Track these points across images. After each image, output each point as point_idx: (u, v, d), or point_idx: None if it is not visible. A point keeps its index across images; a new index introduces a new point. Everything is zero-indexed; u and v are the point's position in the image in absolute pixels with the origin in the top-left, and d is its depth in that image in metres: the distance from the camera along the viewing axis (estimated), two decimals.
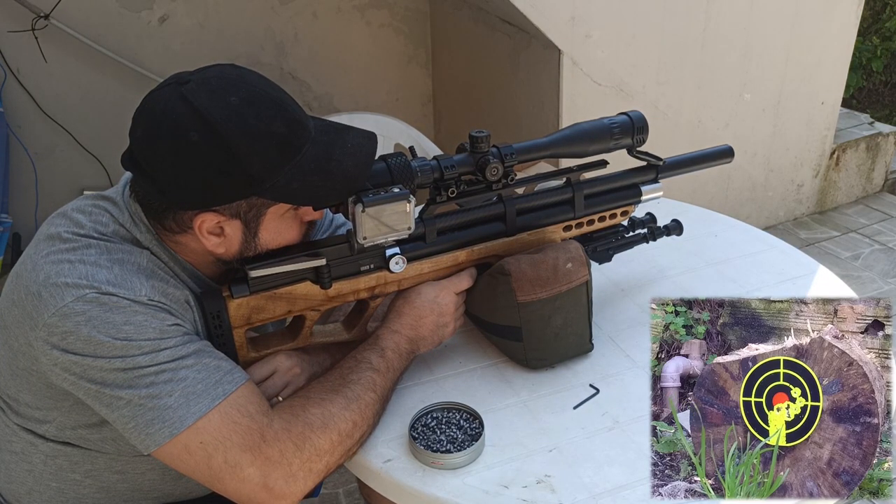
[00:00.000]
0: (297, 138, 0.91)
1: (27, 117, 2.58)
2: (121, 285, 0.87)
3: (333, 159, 0.92)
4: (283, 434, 0.88)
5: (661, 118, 2.56)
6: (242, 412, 0.88)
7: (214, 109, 0.86)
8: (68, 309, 0.85)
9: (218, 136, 0.86)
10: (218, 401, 0.87)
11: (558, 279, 1.04)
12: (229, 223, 0.92)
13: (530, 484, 0.91)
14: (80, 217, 0.94)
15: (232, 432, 0.87)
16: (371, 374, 0.97)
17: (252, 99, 0.89)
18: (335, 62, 2.97)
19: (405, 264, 1.01)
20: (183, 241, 0.95)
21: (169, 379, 0.86)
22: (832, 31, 2.80)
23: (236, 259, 0.96)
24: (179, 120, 0.86)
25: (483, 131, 1.02)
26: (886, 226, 3.08)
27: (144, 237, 0.94)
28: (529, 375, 1.08)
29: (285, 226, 0.96)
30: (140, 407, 0.86)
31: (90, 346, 0.85)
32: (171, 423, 0.85)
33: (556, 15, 2.23)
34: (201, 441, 0.86)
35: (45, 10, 2.45)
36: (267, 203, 0.92)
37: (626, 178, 1.17)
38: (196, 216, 0.91)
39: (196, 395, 0.86)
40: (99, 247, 0.91)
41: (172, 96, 0.87)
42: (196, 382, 0.87)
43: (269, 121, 0.89)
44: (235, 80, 0.90)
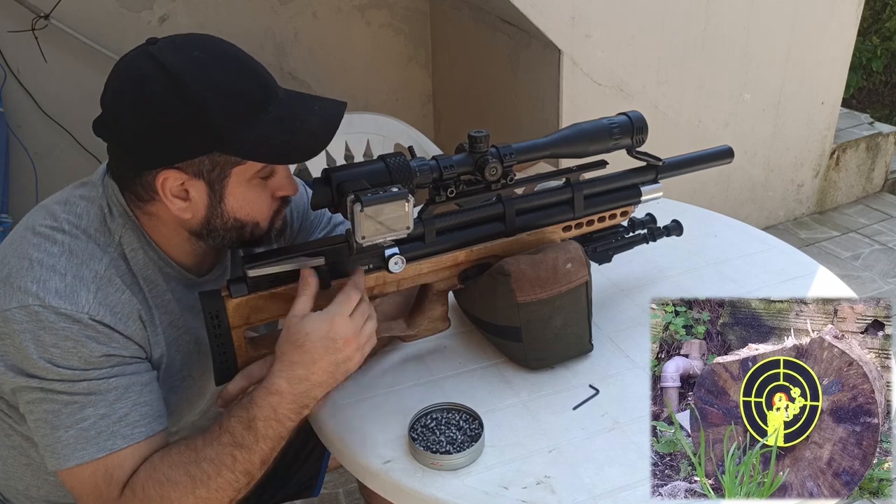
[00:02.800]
0: (263, 96, 0.91)
1: (27, 117, 2.58)
2: (67, 297, 0.87)
3: (299, 119, 0.92)
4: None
5: (661, 118, 2.56)
6: (108, 477, 0.89)
7: (178, 62, 0.87)
8: (10, 315, 0.86)
9: (179, 87, 0.86)
10: (99, 455, 0.88)
11: (558, 280, 1.04)
12: (193, 184, 0.91)
13: (530, 485, 0.91)
14: (56, 208, 0.94)
15: (89, 493, 0.89)
16: (232, 450, 0.88)
17: (218, 56, 0.90)
18: (335, 62, 2.97)
19: (404, 264, 1.01)
20: (154, 211, 0.94)
21: (73, 413, 0.87)
22: (832, 31, 2.80)
23: (205, 228, 0.95)
24: (143, 73, 0.87)
25: (482, 131, 1.01)
26: (886, 226, 3.08)
27: (116, 224, 0.94)
28: (529, 376, 1.08)
29: (253, 195, 0.95)
30: (43, 428, 0.89)
31: (19, 356, 0.87)
32: (58, 457, 0.89)
33: (556, 15, 2.23)
34: (71, 486, 0.91)
35: (45, 10, 2.45)
36: (230, 162, 0.90)
37: (626, 178, 1.17)
38: (159, 174, 0.90)
39: (85, 441, 0.88)
40: (63, 245, 0.90)
41: (139, 55, 0.89)
42: (91, 427, 0.88)
43: (234, 76, 0.89)
44: (204, 40, 0.91)
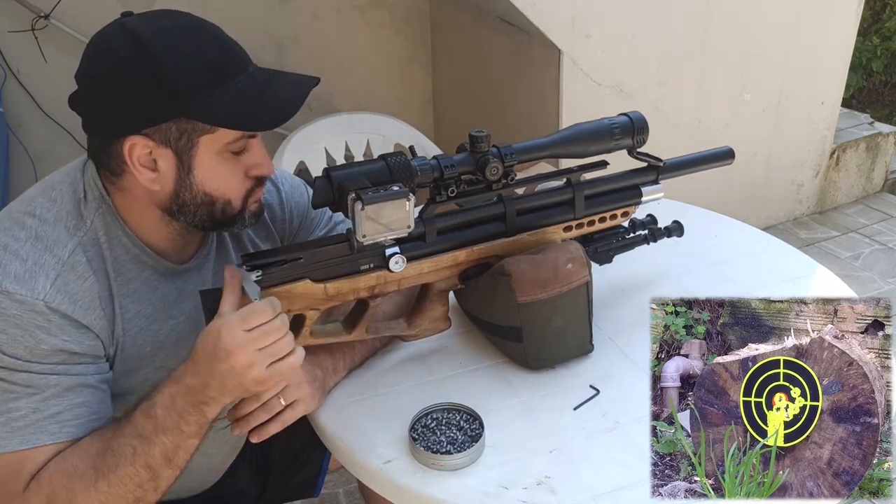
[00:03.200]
0: (231, 66, 0.91)
1: (27, 117, 2.58)
2: (24, 283, 0.88)
3: (269, 89, 0.92)
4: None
5: (662, 118, 2.56)
6: (18, 469, 0.88)
7: (147, 29, 0.89)
8: None
9: (146, 51, 0.87)
10: (22, 447, 0.88)
11: (559, 280, 1.04)
12: (161, 153, 0.91)
13: (530, 485, 0.91)
14: (34, 193, 0.97)
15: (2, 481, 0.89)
16: (132, 441, 0.88)
17: (189, 26, 0.91)
18: (335, 62, 2.96)
19: (405, 264, 1.01)
20: (126, 185, 0.95)
21: (6, 401, 0.88)
22: (832, 31, 2.80)
23: (175, 202, 0.94)
24: (112, 41, 0.89)
25: (483, 131, 1.01)
26: (886, 226, 3.08)
27: (89, 207, 0.95)
28: (529, 376, 1.08)
29: (224, 169, 0.94)
30: None
31: None
32: None
33: (556, 15, 2.23)
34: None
35: (45, 10, 2.45)
36: (197, 129, 0.90)
37: (627, 178, 1.17)
38: (126, 141, 0.90)
39: (11, 431, 0.88)
40: (31, 230, 0.92)
41: (111, 25, 0.91)
42: (20, 419, 0.88)
43: (203, 45, 0.90)
44: (178, 14, 0.93)
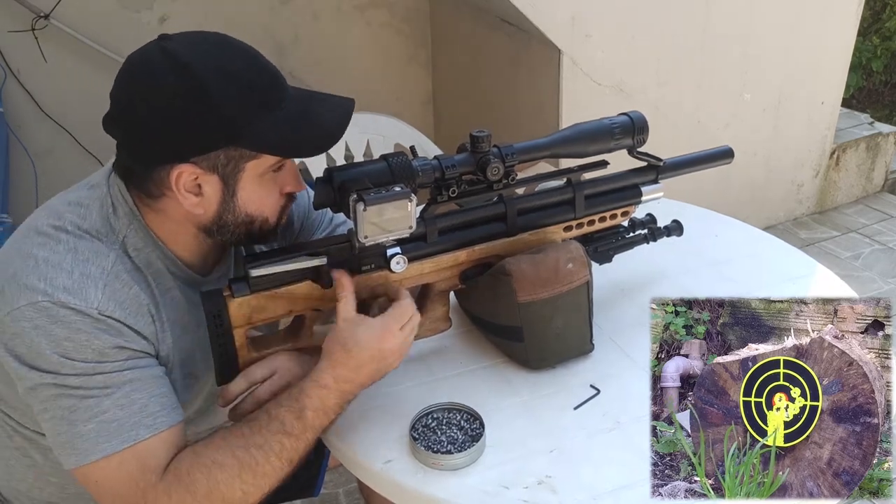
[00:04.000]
0: (276, 91, 0.91)
1: (27, 117, 2.58)
2: (76, 293, 0.86)
3: (312, 112, 0.93)
4: (162, 498, 0.87)
5: (662, 118, 2.56)
6: (140, 465, 0.88)
7: (194, 58, 0.86)
8: (20, 313, 0.86)
9: (194, 80, 0.85)
10: (126, 445, 0.87)
11: (559, 279, 1.04)
12: (207, 179, 0.90)
13: (531, 484, 0.91)
14: (61, 208, 0.94)
15: (121, 483, 0.88)
16: (281, 438, 0.90)
17: (234, 53, 0.90)
18: (335, 62, 2.96)
19: (406, 264, 1.01)
20: (163, 208, 0.94)
21: (91, 407, 0.86)
22: (832, 31, 2.80)
23: (216, 224, 0.94)
24: (156, 67, 0.87)
25: (484, 131, 1.02)
26: (886, 226, 3.08)
27: (121, 223, 0.93)
28: (530, 376, 1.08)
29: (265, 191, 0.95)
30: (58, 426, 0.87)
31: (31, 353, 0.86)
32: (78, 453, 0.87)
33: (556, 15, 2.23)
34: (96, 480, 0.88)
35: (45, 10, 2.45)
36: (245, 156, 0.90)
37: (627, 178, 1.17)
38: (173, 169, 0.89)
39: (108, 434, 0.87)
40: (68, 244, 0.90)
41: (152, 49, 0.89)
42: (113, 419, 0.87)
43: (248, 71, 0.90)
44: (217, 36, 0.92)
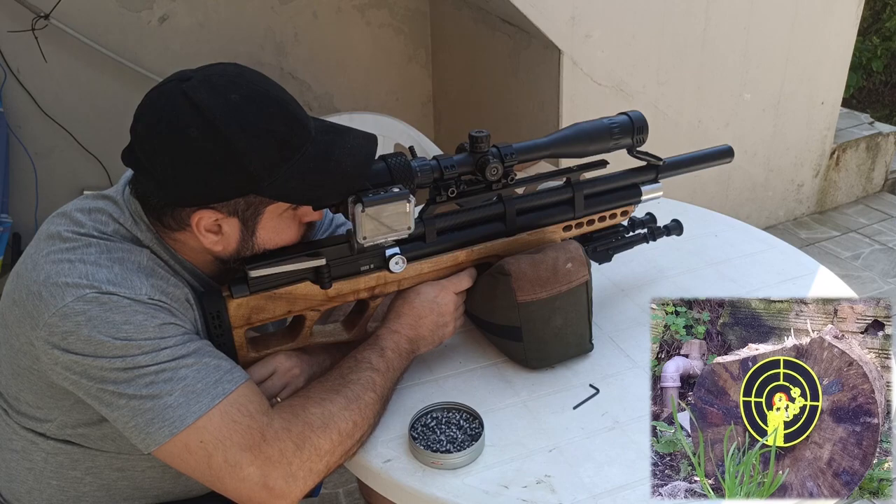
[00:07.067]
0: (297, 137, 0.91)
1: (27, 117, 2.58)
2: (121, 284, 0.87)
3: (333, 159, 0.92)
4: (283, 434, 0.88)
5: (662, 118, 2.56)
6: (242, 411, 0.88)
7: (215, 106, 0.86)
8: (68, 309, 0.85)
9: (217, 133, 0.86)
10: (218, 399, 0.87)
11: (558, 279, 1.04)
12: (227, 221, 0.92)
13: (530, 484, 0.91)
14: (80, 216, 0.94)
15: (232, 431, 0.87)
16: (371, 373, 0.97)
17: (253, 97, 0.89)
18: (335, 62, 2.97)
19: (405, 264, 1.01)
20: (181, 238, 0.95)
21: (169, 378, 0.86)
22: (832, 31, 2.80)
23: (234, 258, 0.96)
24: (180, 116, 0.86)
25: (483, 131, 1.02)
26: (886, 226, 3.08)
27: (145, 235, 0.94)
28: (529, 375, 1.08)
29: (284, 225, 0.96)
30: (140, 406, 0.86)
31: (90, 346, 0.85)
32: (170, 423, 0.85)
33: (556, 15, 2.23)
34: (201, 440, 0.86)
35: (45, 10, 2.45)
36: (265, 202, 0.92)
37: (626, 178, 1.17)
38: (194, 213, 0.91)
39: (196, 394, 0.86)
40: (99, 245, 0.91)
41: (174, 92, 0.88)
42: (196, 381, 0.87)
43: (269, 119, 0.89)
44: (237, 77, 0.91)
